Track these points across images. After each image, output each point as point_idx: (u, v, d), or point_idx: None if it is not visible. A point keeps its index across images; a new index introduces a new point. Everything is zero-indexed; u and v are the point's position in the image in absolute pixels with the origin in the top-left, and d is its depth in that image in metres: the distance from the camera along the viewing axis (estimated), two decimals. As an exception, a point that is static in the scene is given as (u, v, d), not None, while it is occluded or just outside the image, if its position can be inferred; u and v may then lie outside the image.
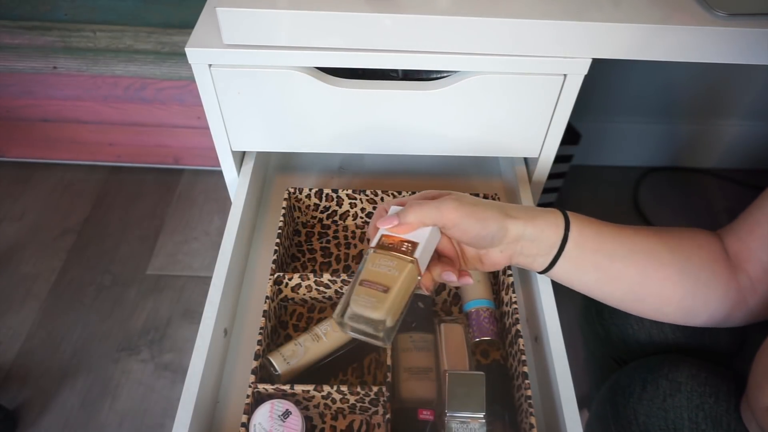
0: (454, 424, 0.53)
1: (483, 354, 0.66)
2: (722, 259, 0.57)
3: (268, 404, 0.54)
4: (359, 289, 0.49)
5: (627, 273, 0.55)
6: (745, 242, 0.56)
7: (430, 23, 0.58)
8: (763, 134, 1.56)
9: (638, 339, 0.73)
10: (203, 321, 0.60)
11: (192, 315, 1.33)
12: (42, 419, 1.16)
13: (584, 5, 0.60)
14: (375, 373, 0.65)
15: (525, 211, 0.54)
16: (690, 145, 1.61)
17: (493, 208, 0.52)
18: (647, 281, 0.56)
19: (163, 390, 1.21)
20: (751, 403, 0.54)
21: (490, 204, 0.53)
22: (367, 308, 0.48)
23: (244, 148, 0.73)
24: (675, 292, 0.56)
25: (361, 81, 0.66)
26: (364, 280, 0.50)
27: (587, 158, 1.58)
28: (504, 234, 0.52)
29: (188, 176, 1.62)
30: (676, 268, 0.55)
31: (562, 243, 0.54)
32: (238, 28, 0.59)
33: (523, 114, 0.68)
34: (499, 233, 0.52)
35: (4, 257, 1.42)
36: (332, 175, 0.88)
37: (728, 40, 0.59)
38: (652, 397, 0.62)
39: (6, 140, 1.56)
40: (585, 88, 0.66)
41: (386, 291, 0.49)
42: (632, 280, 0.56)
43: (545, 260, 0.55)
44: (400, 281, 0.49)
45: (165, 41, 1.33)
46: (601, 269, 0.55)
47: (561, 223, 0.54)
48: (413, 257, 0.50)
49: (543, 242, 0.54)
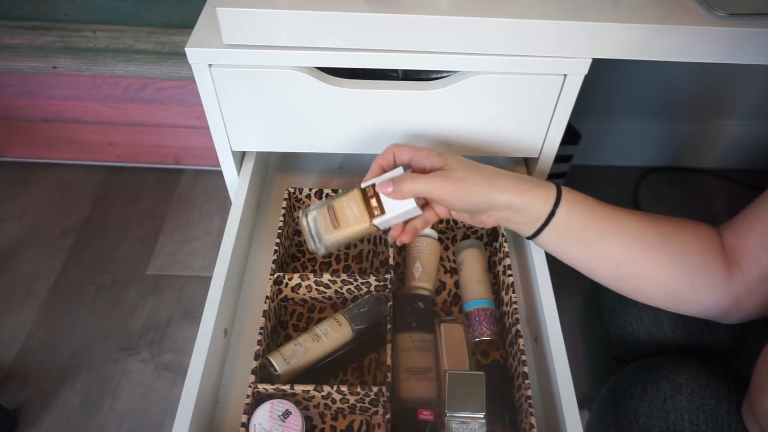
0: (454, 424, 0.53)
1: (483, 354, 0.66)
2: (718, 251, 0.57)
3: (268, 404, 0.55)
4: (324, 212, 0.60)
5: (613, 252, 0.58)
6: (743, 238, 0.57)
7: (430, 23, 0.58)
8: (763, 134, 1.56)
9: (637, 337, 0.73)
10: (203, 321, 0.60)
11: (192, 315, 1.33)
12: (42, 419, 1.16)
13: (584, 5, 0.60)
14: (375, 373, 0.65)
15: (518, 181, 0.57)
16: (690, 145, 1.61)
17: (481, 181, 0.56)
18: (633, 262, 0.57)
19: (163, 390, 1.21)
20: (754, 406, 0.54)
21: (480, 174, 0.57)
22: (320, 228, 0.60)
23: (244, 148, 0.73)
24: (661, 275, 0.57)
25: (361, 81, 0.66)
26: (331, 207, 0.60)
27: (587, 158, 1.58)
28: (490, 205, 0.57)
29: (188, 176, 1.62)
30: (665, 252, 0.57)
31: (548, 217, 0.57)
32: (238, 28, 0.59)
33: (523, 114, 0.68)
34: (484, 204, 0.57)
35: (4, 257, 1.42)
36: (332, 175, 0.88)
37: (728, 40, 0.59)
38: (653, 399, 0.62)
39: (6, 140, 1.56)
40: (585, 88, 0.66)
41: (336, 228, 0.60)
42: (618, 260, 0.58)
43: (531, 229, 0.59)
44: (351, 229, 0.60)
45: (165, 41, 1.33)
46: (585, 245, 0.58)
47: (551, 198, 0.57)
48: (372, 223, 0.59)
49: (529, 214, 0.57)
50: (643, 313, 0.73)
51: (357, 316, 0.63)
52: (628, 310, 0.74)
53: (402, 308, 0.65)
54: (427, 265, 0.70)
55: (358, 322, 0.63)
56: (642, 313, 0.73)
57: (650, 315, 0.72)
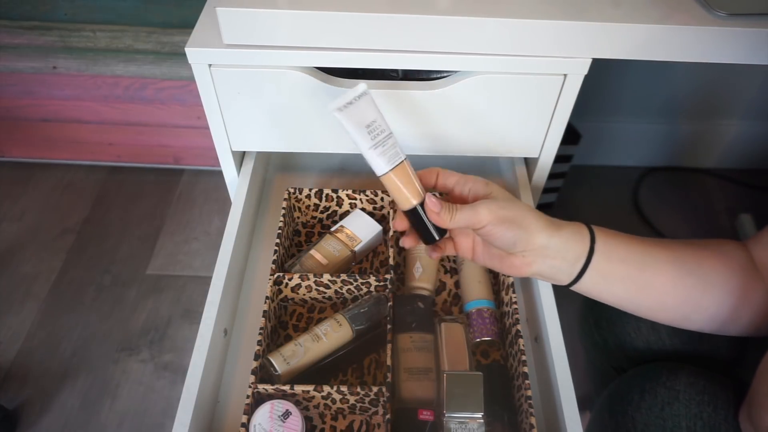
0: (453, 425, 0.53)
1: (483, 354, 0.66)
2: (750, 268, 0.56)
3: (268, 404, 0.54)
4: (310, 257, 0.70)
5: (656, 281, 0.55)
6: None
7: (430, 23, 0.58)
8: (763, 134, 1.56)
9: (636, 346, 0.73)
10: (203, 321, 0.60)
11: (192, 315, 1.33)
12: (42, 419, 1.16)
13: (584, 5, 0.60)
14: (375, 373, 0.65)
15: (551, 221, 0.54)
16: (690, 145, 1.61)
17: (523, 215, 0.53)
18: (676, 290, 0.55)
19: (163, 390, 1.21)
20: (755, 420, 0.54)
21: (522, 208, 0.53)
22: None
23: (244, 148, 0.73)
24: (703, 300, 0.55)
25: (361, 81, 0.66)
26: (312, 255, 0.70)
27: (587, 158, 1.58)
28: (526, 244, 0.53)
29: (188, 176, 1.62)
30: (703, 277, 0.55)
31: (589, 254, 0.54)
32: (238, 28, 0.59)
33: (523, 114, 0.68)
34: (521, 243, 0.53)
35: (4, 257, 1.42)
36: (332, 175, 0.88)
37: (728, 40, 0.59)
38: (650, 406, 0.62)
39: (6, 140, 1.56)
40: (585, 88, 0.66)
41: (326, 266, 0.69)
42: (661, 290, 0.56)
43: (572, 271, 0.55)
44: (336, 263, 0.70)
45: (165, 41, 1.33)
46: (629, 279, 0.55)
47: (586, 235, 0.54)
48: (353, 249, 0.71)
49: (569, 253, 0.54)
50: (641, 322, 0.72)
51: (357, 317, 0.63)
52: (625, 320, 0.74)
53: (402, 308, 0.65)
54: (427, 265, 0.70)
55: (358, 323, 0.63)
56: (639, 322, 0.73)
57: (648, 324, 0.72)
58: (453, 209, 0.53)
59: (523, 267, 0.55)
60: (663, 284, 0.55)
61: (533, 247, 0.53)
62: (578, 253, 0.54)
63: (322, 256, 0.70)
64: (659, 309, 0.57)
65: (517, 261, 0.54)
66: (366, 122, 0.54)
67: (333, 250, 0.70)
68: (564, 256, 0.54)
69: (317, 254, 0.70)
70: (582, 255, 0.54)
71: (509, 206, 0.53)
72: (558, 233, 0.53)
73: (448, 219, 0.53)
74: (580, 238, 0.54)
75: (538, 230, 0.53)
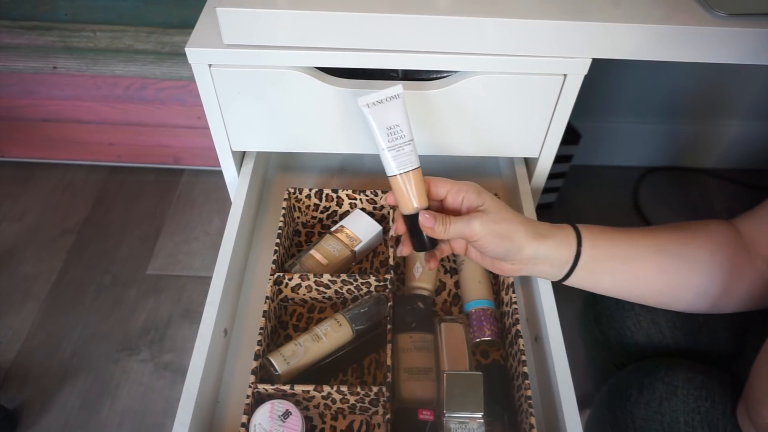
0: (453, 425, 0.53)
1: (483, 354, 0.66)
2: (737, 243, 0.58)
3: (268, 404, 0.55)
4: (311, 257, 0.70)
5: (642, 272, 0.58)
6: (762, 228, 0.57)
7: (430, 23, 0.58)
8: (763, 134, 1.56)
9: (637, 341, 0.73)
10: (203, 321, 0.60)
11: (192, 315, 1.33)
12: (42, 419, 1.16)
13: (584, 5, 0.60)
14: (375, 373, 0.65)
15: (539, 233, 0.56)
16: (690, 145, 1.61)
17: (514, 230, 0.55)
18: (663, 275, 0.58)
19: (163, 390, 1.21)
20: (753, 417, 0.54)
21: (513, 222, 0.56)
22: None
23: (244, 148, 0.73)
24: (691, 279, 0.57)
25: (361, 81, 0.66)
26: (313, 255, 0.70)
27: (587, 158, 1.58)
28: (517, 253, 0.56)
29: (188, 176, 1.62)
30: (689, 257, 0.57)
31: (575, 257, 0.56)
32: (238, 28, 0.59)
33: (524, 114, 0.68)
34: (511, 253, 0.56)
35: (4, 257, 1.42)
36: (332, 175, 0.88)
37: (728, 40, 0.59)
38: (649, 401, 0.62)
39: (6, 140, 1.56)
40: (585, 88, 0.66)
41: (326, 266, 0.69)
42: (649, 278, 0.58)
43: (560, 273, 0.58)
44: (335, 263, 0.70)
45: (165, 41, 1.33)
46: (616, 273, 0.58)
47: (573, 239, 0.57)
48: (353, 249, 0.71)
49: (556, 259, 0.57)
50: (641, 316, 0.73)
51: (357, 317, 0.63)
52: (625, 315, 0.74)
53: (402, 308, 0.65)
54: (427, 265, 0.70)
55: (358, 323, 0.63)
56: (639, 317, 0.73)
57: (648, 318, 0.72)
58: (447, 222, 0.55)
59: (513, 271, 0.59)
60: (649, 272, 0.58)
61: (522, 257, 0.56)
62: (565, 258, 0.57)
63: (322, 256, 0.70)
64: (648, 294, 0.60)
65: (506, 266, 0.59)
66: (389, 124, 0.56)
67: (333, 250, 0.70)
68: (552, 262, 0.57)
69: (317, 254, 0.70)
70: (569, 259, 0.57)
71: (501, 220, 0.55)
72: (545, 243, 0.56)
73: (443, 231, 0.56)
74: (566, 243, 0.57)
75: (527, 243, 0.55)
